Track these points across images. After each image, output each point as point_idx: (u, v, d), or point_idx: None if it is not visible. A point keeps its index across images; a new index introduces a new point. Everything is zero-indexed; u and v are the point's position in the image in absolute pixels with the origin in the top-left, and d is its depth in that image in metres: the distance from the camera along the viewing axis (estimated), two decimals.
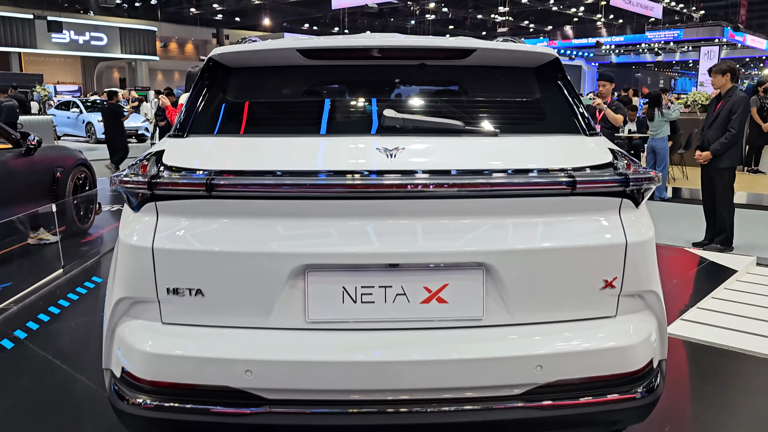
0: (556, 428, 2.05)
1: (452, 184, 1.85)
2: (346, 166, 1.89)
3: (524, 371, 1.91)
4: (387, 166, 1.89)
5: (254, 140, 2.11)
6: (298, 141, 2.07)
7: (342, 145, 2.04)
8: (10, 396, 3.17)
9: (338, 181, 1.84)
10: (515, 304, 1.94)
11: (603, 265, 1.96)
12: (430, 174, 1.87)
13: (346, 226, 1.89)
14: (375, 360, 1.88)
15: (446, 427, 1.92)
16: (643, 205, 2.08)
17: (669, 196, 9.50)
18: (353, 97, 2.35)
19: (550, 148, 2.09)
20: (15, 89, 17.29)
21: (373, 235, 1.89)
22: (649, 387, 2.05)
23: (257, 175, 1.87)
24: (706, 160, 6.19)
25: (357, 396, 1.90)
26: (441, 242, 1.89)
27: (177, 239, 1.90)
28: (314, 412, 1.89)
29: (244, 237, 1.89)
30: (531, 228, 1.93)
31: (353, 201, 1.88)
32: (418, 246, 1.89)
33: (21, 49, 32.67)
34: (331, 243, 1.89)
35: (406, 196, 1.86)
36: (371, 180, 1.84)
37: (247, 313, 1.92)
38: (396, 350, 1.89)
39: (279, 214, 1.90)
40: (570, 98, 2.29)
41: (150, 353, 1.93)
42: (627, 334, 2.00)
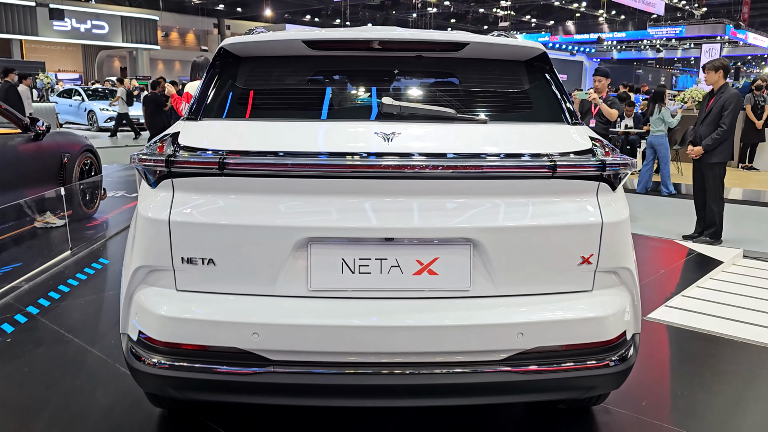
0: (536, 392, 2.24)
1: (444, 166, 2.03)
2: (348, 148, 2.07)
3: (507, 338, 2.09)
4: (385, 148, 2.06)
5: (262, 124, 2.28)
6: (302, 125, 2.25)
7: (343, 129, 2.21)
8: (27, 365, 3.35)
9: (340, 162, 2.01)
10: (499, 277, 2.12)
11: (581, 242, 2.14)
12: (423, 157, 2.04)
13: (347, 203, 2.07)
14: (370, 325, 2.06)
15: (435, 388, 2.11)
16: (619, 189, 2.26)
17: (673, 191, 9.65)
18: (354, 86, 2.53)
19: (534, 135, 2.27)
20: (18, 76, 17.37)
21: (370, 212, 2.06)
22: (621, 356, 2.23)
23: (265, 155, 2.04)
24: (698, 155, 6.37)
25: (353, 358, 2.08)
26: (432, 219, 2.07)
27: (192, 213, 2.08)
28: (314, 372, 2.07)
29: (253, 211, 2.07)
30: (515, 207, 2.11)
31: (353, 180, 2.05)
32: (412, 222, 2.07)
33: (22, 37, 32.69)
34: (333, 218, 2.06)
35: (401, 176, 2.04)
36: (370, 161, 2.02)
37: (255, 282, 2.10)
38: (390, 317, 2.08)
39: (285, 191, 2.08)
40: (555, 90, 2.46)
41: (165, 317, 2.11)
42: (602, 307, 2.18)
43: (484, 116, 2.33)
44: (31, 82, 13.76)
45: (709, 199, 6.46)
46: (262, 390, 2.12)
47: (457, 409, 2.90)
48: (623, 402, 3.01)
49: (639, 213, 7.82)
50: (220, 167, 2.02)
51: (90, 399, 3.00)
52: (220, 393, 2.21)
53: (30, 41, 34.24)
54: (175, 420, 2.81)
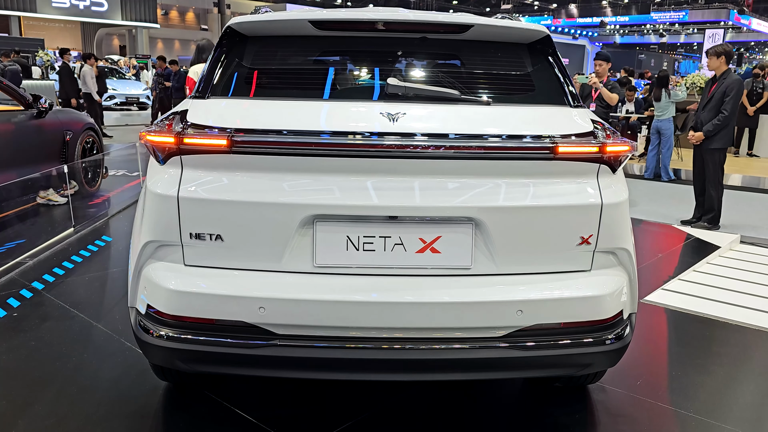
0: (534, 368, 2.30)
1: (447, 146, 2.07)
2: (353, 128, 2.11)
3: (506, 315, 2.14)
4: (389, 128, 2.10)
5: (269, 102, 2.31)
6: (309, 104, 2.28)
7: (349, 109, 2.25)
8: (34, 338, 3.41)
9: (345, 141, 2.05)
10: (500, 256, 2.17)
11: (580, 223, 2.19)
12: (427, 137, 2.08)
13: (352, 181, 2.11)
14: (373, 301, 2.12)
15: (435, 363, 2.17)
16: (619, 171, 2.30)
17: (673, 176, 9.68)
18: (359, 66, 2.55)
19: (537, 116, 2.30)
20: (17, 54, 17.33)
21: (375, 190, 2.11)
22: (618, 335, 2.28)
23: (273, 133, 2.08)
24: (698, 141, 6.39)
25: (356, 333, 2.14)
26: (435, 198, 2.12)
27: (200, 189, 2.12)
28: (318, 346, 2.13)
29: (260, 189, 2.11)
30: (517, 188, 2.16)
31: (358, 159, 2.09)
32: (415, 201, 2.11)
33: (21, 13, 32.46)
34: (338, 196, 2.11)
35: (405, 155, 2.08)
36: (374, 140, 2.06)
37: (262, 257, 2.15)
38: (393, 293, 2.13)
39: (292, 169, 2.12)
40: (558, 73, 2.49)
41: (173, 290, 2.16)
42: (599, 287, 2.23)
43: (487, 98, 2.36)
44: (94, 62, 13.69)
45: (708, 185, 6.50)
46: (268, 363, 2.18)
47: (453, 386, 2.97)
48: (619, 381, 3.07)
49: (638, 198, 7.87)
50: (229, 145, 2.06)
51: (97, 372, 3.06)
52: (227, 366, 2.27)
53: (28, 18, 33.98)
54: (180, 393, 2.88)
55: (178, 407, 2.79)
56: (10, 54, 16.87)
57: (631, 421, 2.81)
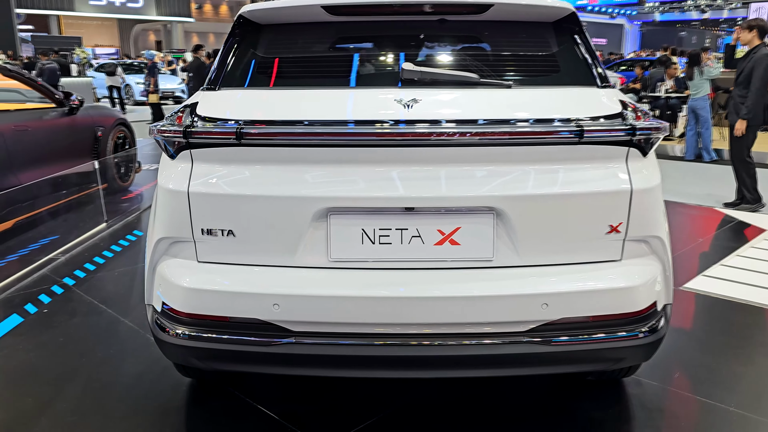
0: (563, 363, 2.19)
1: (463, 132, 1.97)
2: (365, 116, 2.02)
3: (531, 309, 2.04)
4: (404, 116, 2.00)
5: (280, 92, 2.24)
6: (321, 93, 2.20)
7: (362, 97, 2.16)
8: (62, 334, 3.44)
9: (356, 130, 1.97)
10: (524, 247, 2.06)
11: (609, 210, 2.06)
12: (442, 124, 1.98)
13: (366, 172, 2.03)
14: (389, 296, 2.03)
15: (455, 360, 2.08)
16: (651, 155, 2.16)
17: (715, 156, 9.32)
18: (374, 52, 2.46)
19: (561, 99, 2.18)
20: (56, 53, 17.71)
21: (390, 181, 2.02)
22: (652, 328, 2.15)
23: (282, 124, 2.01)
24: (743, 131, 6.10)
25: (372, 329, 2.06)
26: (453, 188, 2.02)
27: (210, 184, 2.06)
28: (334, 343, 2.06)
29: (272, 182, 2.04)
30: (540, 175, 2.04)
31: (371, 149, 2.00)
32: (432, 191, 2.01)
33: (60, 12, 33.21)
34: (351, 188, 2.02)
35: (420, 144, 1.98)
36: (387, 129, 1.96)
37: (275, 252, 2.09)
38: (410, 288, 2.04)
39: (303, 161, 2.04)
40: (585, 52, 2.35)
41: (187, 288, 2.11)
42: (631, 277, 2.11)
43: (508, 81, 2.24)
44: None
45: (734, 161, 6.26)
46: (285, 361, 2.12)
47: (480, 380, 2.87)
48: (655, 374, 2.93)
49: (679, 180, 7.60)
50: (238, 137, 1.99)
51: (121, 368, 3.06)
52: (243, 363, 2.22)
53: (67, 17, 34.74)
54: (203, 389, 2.85)
55: (200, 403, 2.77)
56: (48, 53, 17.28)
57: (667, 415, 2.68)
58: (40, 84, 6.08)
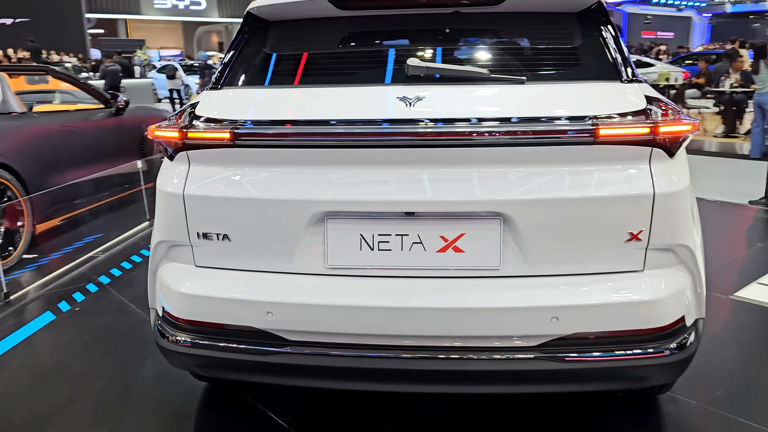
0: (578, 382, 2.03)
1: (467, 132, 1.83)
2: (364, 115, 1.91)
3: (540, 322, 1.89)
4: (405, 114, 1.89)
5: (281, 91, 2.16)
6: (323, 91, 2.11)
7: (363, 95, 2.05)
8: (89, 333, 3.48)
9: (352, 130, 1.86)
10: (533, 255, 1.91)
11: (628, 216, 1.89)
12: (446, 122, 1.85)
13: (364, 174, 1.92)
14: (389, 306, 1.92)
15: (459, 375, 1.95)
16: (680, 156, 1.97)
17: None
18: (382, 47, 2.35)
19: (579, 95, 2.01)
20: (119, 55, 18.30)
21: (389, 184, 1.91)
22: (680, 344, 1.97)
23: (277, 124, 1.92)
24: None
25: (371, 340, 1.95)
26: (457, 191, 1.89)
27: (205, 186, 2.00)
28: (331, 354, 1.96)
29: (267, 184, 1.96)
30: (552, 178, 1.88)
31: (370, 150, 1.90)
32: (434, 195, 1.89)
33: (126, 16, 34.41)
34: (349, 191, 1.92)
35: (421, 144, 1.86)
36: (385, 129, 1.85)
37: (271, 258, 2.01)
38: (409, 297, 1.92)
39: (299, 162, 1.96)
40: (611, 44, 2.17)
41: (183, 293, 2.06)
42: (654, 289, 1.92)
43: (522, 76, 2.09)
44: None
45: None
46: (280, 371, 2.04)
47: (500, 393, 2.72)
48: (694, 391, 2.71)
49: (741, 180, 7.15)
50: (233, 138, 1.92)
51: (141, 369, 3.06)
52: (241, 373, 2.16)
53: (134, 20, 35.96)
54: (218, 394, 2.81)
55: (212, 408, 2.73)
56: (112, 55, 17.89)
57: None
58: (88, 86, 6.23)
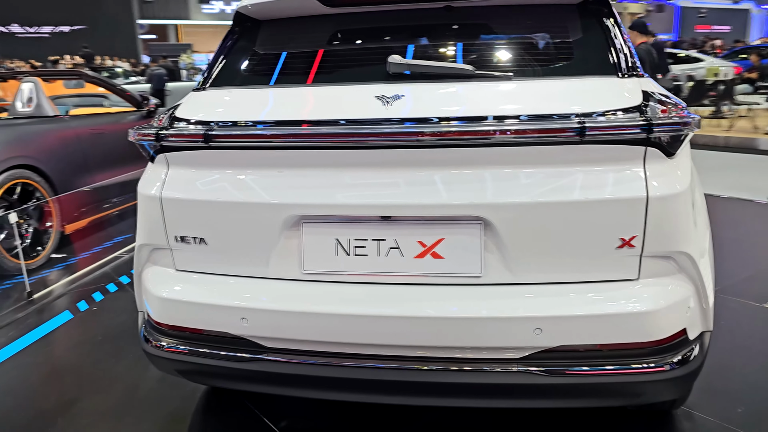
0: (567, 397, 1.91)
1: (447, 132, 1.74)
2: (336, 116, 1.84)
3: (522, 333, 1.78)
4: (379, 114, 1.81)
5: (261, 91, 2.11)
6: (301, 91, 2.05)
7: (342, 95, 1.98)
8: (102, 333, 3.52)
9: (325, 131, 1.79)
10: (517, 262, 1.80)
11: (619, 221, 1.76)
12: (423, 122, 1.76)
13: (338, 176, 1.85)
14: (364, 314, 1.84)
15: (436, 387, 1.86)
16: (681, 156, 1.83)
17: None
18: (369, 45, 2.27)
19: (569, 91, 1.89)
20: (165, 59, 18.73)
21: (364, 186, 1.83)
22: (682, 359, 1.83)
23: (249, 125, 1.87)
24: None
25: (345, 349, 1.88)
26: (435, 194, 1.79)
27: (181, 189, 1.97)
28: (308, 363, 1.90)
29: (242, 187, 1.91)
30: (536, 180, 1.77)
31: (344, 151, 1.83)
32: (411, 198, 1.80)
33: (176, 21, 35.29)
34: (324, 193, 1.85)
35: (395, 145, 1.78)
36: (357, 129, 1.78)
37: (247, 263, 1.96)
38: (387, 305, 1.84)
39: (274, 165, 1.90)
40: (611, 37, 2.04)
41: (162, 298, 2.04)
42: (649, 300, 1.79)
43: (509, 72, 1.98)
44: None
45: None
46: (257, 379, 1.99)
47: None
48: (713, 407, 2.54)
49: None
50: (206, 139, 1.88)
51: (145, 370, 3.06)
52: (222, 380, 2.13)
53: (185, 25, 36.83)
54: (217, 398, 2.79)
55: (209, 412, 2.71)
56: (158, 59, 18.33)
57: None
58: (119, 88, 6.35)
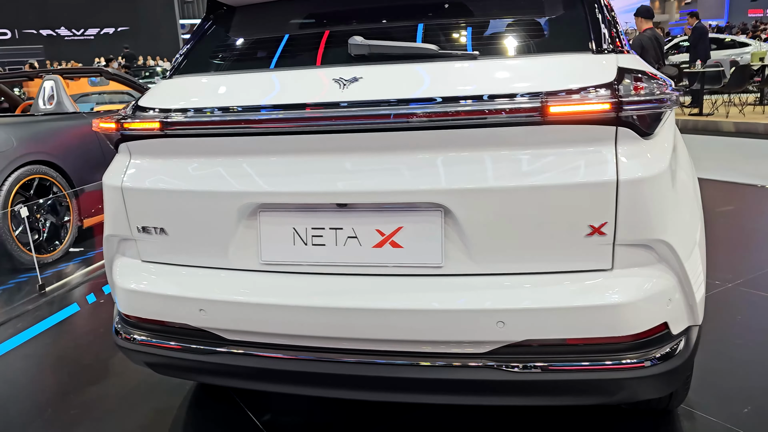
0: (537, 395, 1.80)
1: (403, 114, 1.65)
2: (294, 99, 1.76)
3: (483, 327, 1.68)
4: (333, 97, 1.73)
5: (223, 77, 2.06)
6: (255, 76, 1.99)
7: (299, 78, 1.91)
8: (103, 326, 3.54)
9: (277, 116, 1.73)
10: (479, 252, 1.70)
11: (587, 207, 1.63)
12: (380, 105, 1.67)
13: (294, 163, 1.78)
14: (322, 306, 1.77)
15: (395, 382, 1.77)
16: (660, 136, 1.69)
17: None
18: (329, 28, 2.17)
19: (536, 69, 1.76)
20: None
21: (319, 173, 1.75)
22: (665, 354, 1.70)
23: (203, 112, 1.82)
24: None
25: (305, 342, 1.81)
26: (392, 180, 1.70)
27: (140, 178, 1.93)
28: (266, 356, 1.84)
29: (199, 176, 1.86)
30: (498, 164, 1.66)
31: (299, 137, 1.75)
32: (367, 184, 1.72)
33: None
34: (279, 181, 1.79)
35: (349, 129, 1.70)
36: (309, 114, 1.70)
37: (206, 253, 1.91)
38: (345, 297, 1.77)
39: (229, 153, 1.84)
40: (585, 12, 1.90)
41: (128, 289, 2.01)
42: (623, 292, 1.66)
43: (473, 51, 1.86)
44: None
45: None
46: (220, 372, 1.94)
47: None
48: (717, 407, 2.38)
49: None
50: (161, 128, 1.84)
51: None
52: (189, 373, 2.11)
53: None
54: (205, 392, 2.76)
55: (195, 405, 2.68)
56: None
57: None
58: (139, 86, 6.42)
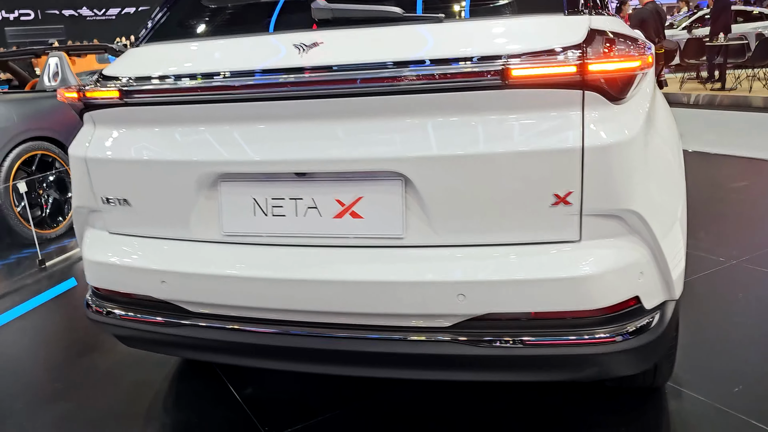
0: (504, 370, 1.75)
1: (361, 79, 1.58)
2: (251, 66, 1.71)
3: (444, 300, 1.62)
4: (291, 63, 1.67)
5: (187, 45, 2.00)
6: (226, 42, 1.93)
7: (259, 44, 1.84)
8: None
9: (231, 83, 1.68)
10: (441, 222, 1.63)
11: (551, 176, 1.55)
12: (337, 70, 1.61)
13: (253, 131, 1.73)
14: (283, 278, 1.73)
15: (361, 356, 1.73)
16: (633, 101, 1.60)
17: None
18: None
19: (502, 32, 1.68)
20: None
21: (277, 141, 1.70)
22: (638, 329, 1.63)
23: (161, 79, 1.77)
24: None
25: (266, 315, 1.78)
26: (350, 148, 1.64)
27: (103, 148, 1.90)
28: (228, 328, 1.81)
29: (158, 145, 1.83)
30: (459, 131, 1.59)
31: (256, 104, 1.70)
32: (325, 152, 1.66)
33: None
34: (237, 150, 1.74)
35: (306, 95, 1.64)
36: (265, 79, 1.65)
37: (169, 225, 1.88)
38: (305, 269, 1.72)
39: (190, 121, 1.80)
40: None
41: (93, 261, 1.99)
42: (590, 264, 1.59)
43: (438, 14, 1.77)
44: None
45: None
46: (184, 345, 1.93)
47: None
48: (707, 386, 2.30)
49: None
50: (121, 96, 1.80)
51: None
52: (156, 346, 2.09)
53: None
54: (189, 365, 2.75)
55: (179, 379, 2.67)
56: None
57: None
58: None
